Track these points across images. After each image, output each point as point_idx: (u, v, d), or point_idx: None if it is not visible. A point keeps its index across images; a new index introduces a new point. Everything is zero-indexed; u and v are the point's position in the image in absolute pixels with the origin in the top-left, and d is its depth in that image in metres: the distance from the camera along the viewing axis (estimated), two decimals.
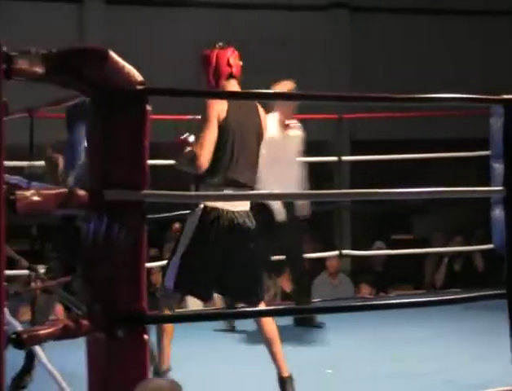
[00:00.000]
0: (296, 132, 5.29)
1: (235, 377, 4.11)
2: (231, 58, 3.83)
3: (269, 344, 3.76)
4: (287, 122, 5.16)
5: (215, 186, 3.72)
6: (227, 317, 4.42)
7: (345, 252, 6.34)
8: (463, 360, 4.50)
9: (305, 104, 5.07)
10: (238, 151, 3.77)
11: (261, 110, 3.89)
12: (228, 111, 3.73)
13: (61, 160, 4.09)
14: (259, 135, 3.88)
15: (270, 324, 3.74)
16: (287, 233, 5.16)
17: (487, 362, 4.38)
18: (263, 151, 3.98)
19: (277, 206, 5.12)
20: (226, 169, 3.74)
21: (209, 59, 3.85)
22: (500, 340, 3.26)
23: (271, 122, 4.69)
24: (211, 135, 3.72)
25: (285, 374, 3.76)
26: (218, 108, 3.72)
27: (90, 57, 2.11)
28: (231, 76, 3.82)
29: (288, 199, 4.68)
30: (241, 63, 3.88)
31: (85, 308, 2.30)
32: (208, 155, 3.69)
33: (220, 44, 3.89)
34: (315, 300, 6.43)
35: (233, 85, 3.83)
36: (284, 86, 5.02)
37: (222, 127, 3.73)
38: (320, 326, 5.28)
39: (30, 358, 4.03)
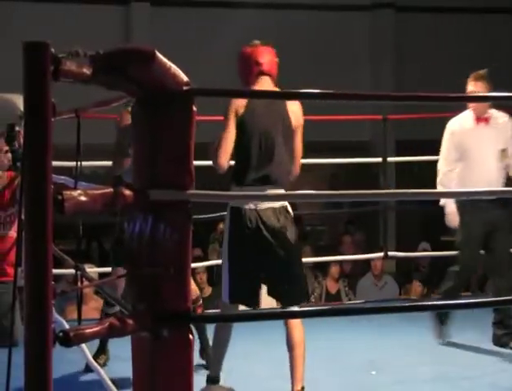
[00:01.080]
0: (503, 118, 5.12)
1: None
2: (261, 55, 3.77)
3: (292, 351, 3.60)
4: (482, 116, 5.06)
5: (239, 185, 3.66)
6: (273, 317, 4.41)
7: (390, 253, 6.29)
8: (507, 364, 4.45)
9: (349, 104, 5.05)
10: (258, 147, 3.66)
11: (290, 102, 3.71)
12: (247, 106, 3.66)
13: None
14: (286, 127, 3.71)
15: (298, 330, 3.60)
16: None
17: None
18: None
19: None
20: (247, 167, 3.66)
21: (239, 58, 3.84)
22: None
23: (465, 118, 5.04)
24: (228, 134, 3.65)
25: (298, 387, 3.58)
26: (237, 105, 3.65)
27: (137, 58, 2.12)
28: (261, 73, 3.75)
29: (320, 199, 4.65)
30: (277, 60, 3.82)
31: (130, 307, 2.32)
32: (224, 155, 3.62)
33: (255, 42, 3.87)
34: (359, 301, 6.41)
35: (264, 82, 3.74)
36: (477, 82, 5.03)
37: (241, 123, 3.66)
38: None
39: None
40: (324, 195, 3.56)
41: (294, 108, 3.73)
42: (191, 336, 2.25)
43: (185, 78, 2.30)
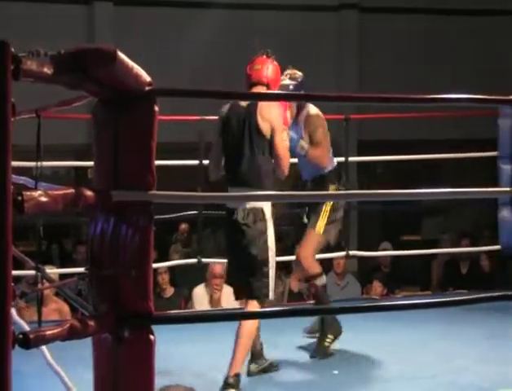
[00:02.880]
0: None
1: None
2: (249, 67, 4.11)
3: (236, 339, 3.84)
4: None
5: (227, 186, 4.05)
6: (235, 318, 4.41)
7: (352, 252, 6.32)
8: (468, 362, 4.49)
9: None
10: (229, 152, 4.05)
11: (263, 107, 3.99)
12: (226, 116, 4.07)
13: None
14: (257, 133, 3.97)
15: (249, 322, 3.81)
16: None
17: (492, 365, 4.37)
18: None
19: None
20: (225, 171, 4.08)
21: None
22: (507, 343, 3.25)
23: None
24: (213, 144, 4.13)
25: (231, 372, 3.81)
26: (221, 115, 4.11)
27: (99, 57, 2.11)
28: (252, 84, 4.06)
29: (290, 200, 4.79)
30: (271, 67, 4.10)
31: (91, 308, 2.31)
32: (210, 163, 4.15)
33: (262, 52, 4.18)
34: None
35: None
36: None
37: (221, 132, 4.10)
38: None
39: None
40: (286, 196, 3.56)
41: (267, 112, 3.98)
42: (152, 337, 2.25)
43: (148, 78, 2.29)
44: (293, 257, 4.99)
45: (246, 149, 3.95)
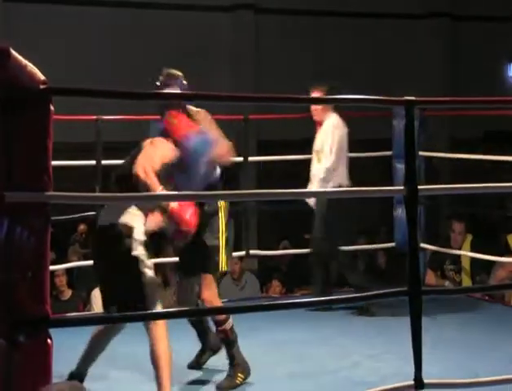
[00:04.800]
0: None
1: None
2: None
3: (154, 366, 3.58)
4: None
5: None
6: (134, 319, 4.36)
7: (252, 252, 6.35)
8: (360, 358, 4.57)
9: (210, 105, 5.07)
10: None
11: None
12: None
13: None
14: None
15: (159, 343, 3.57)
16: None
17: (384, 360, 4.48)
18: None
19: None
20: None
21: None
22: (400, 338, 3.33)
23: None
24: None
25: None
26: None
27: None
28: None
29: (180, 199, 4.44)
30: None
31: None
32: None
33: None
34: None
35: None
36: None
37: None
38: None
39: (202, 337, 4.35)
40: (186, 196, 3.54)
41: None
42: (49, 341, 2.21)
43: (42, 77, 2.25)
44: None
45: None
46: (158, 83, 4.08)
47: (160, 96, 3.60)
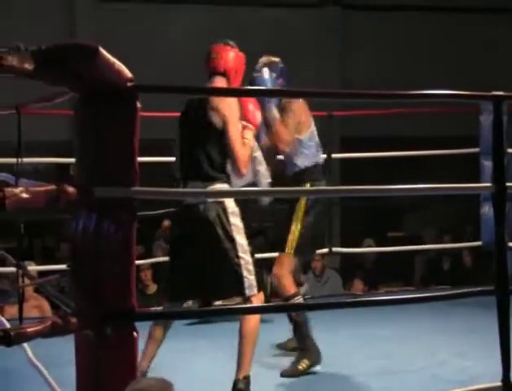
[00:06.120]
0: None
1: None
2: (206, 57, 3.84)
3: (240, 339, 3.58)
4: None
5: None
6: (216, 314, 4.40)
7: (335, 249, 6.32)
8: (449, 357, 4.51)
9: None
10: (183, 149, 3.79)
11: (215, 99, 3.70)
12: (184, 108, 3.79)
13: None
14: (205, 121, 3.69)
15: (250, 321, 3.57)
16: None
17: (473, 359, 4.40)
18: None
19: None
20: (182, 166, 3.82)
21: None
22: (488, 338, 3.27)
23: None
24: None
25: (239, 376, 3.58)
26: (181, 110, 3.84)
27: (80, 53, 2.10)
28: (210, 74, 3.79)
29: (275, 196, 4.46)
30: (213, 56, 3.81)
31: (73, 305, 2.30)
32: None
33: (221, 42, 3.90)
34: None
35: (218, 82, 3.77)
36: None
37: (179, 125, 3.84)
38: None
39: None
40: (267, 192, 3.55)
41: (216, 101, 3.67)
42: (135, 334, 2.24)
43: (129, 74, 2.28)
44: (274, 254, 4.89)
45: (199, 142, 3.70)
46: (263, 75, 4.09)
47: (252, 92, 3.57)
